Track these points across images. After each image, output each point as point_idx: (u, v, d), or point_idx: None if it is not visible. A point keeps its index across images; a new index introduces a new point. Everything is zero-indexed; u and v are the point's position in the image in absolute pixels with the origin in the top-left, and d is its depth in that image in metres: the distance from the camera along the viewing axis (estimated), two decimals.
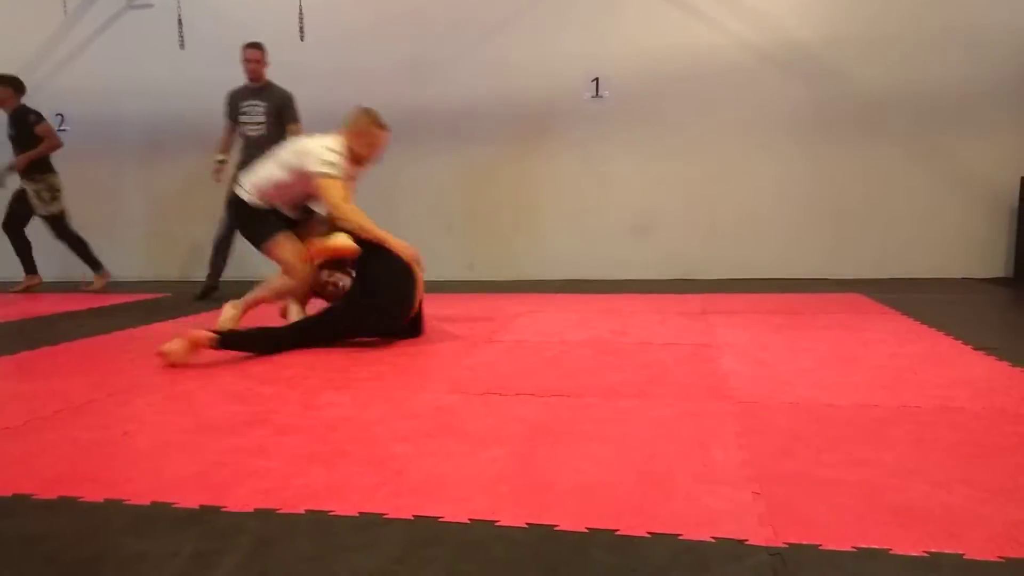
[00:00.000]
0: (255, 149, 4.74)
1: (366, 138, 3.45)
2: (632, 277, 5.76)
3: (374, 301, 3.21)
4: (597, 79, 5.76)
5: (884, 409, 2.11)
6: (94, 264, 5.87)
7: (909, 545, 1.29)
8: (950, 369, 2.58)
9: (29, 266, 5.92)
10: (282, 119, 5.00)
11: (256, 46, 5.01)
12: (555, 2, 5.82)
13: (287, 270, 3.50)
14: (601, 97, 5.74)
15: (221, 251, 5.26)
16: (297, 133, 4.87)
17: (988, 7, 5.22)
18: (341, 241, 3.29)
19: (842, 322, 3.58)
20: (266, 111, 4.99)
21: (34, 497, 1.60)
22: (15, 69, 6.78)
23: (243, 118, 5.02)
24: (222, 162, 5.17)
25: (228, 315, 3.55)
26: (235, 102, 5.09)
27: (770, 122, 5.62)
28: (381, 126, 3.49)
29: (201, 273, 6.63)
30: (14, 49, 6.71)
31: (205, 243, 6.64)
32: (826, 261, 5.59)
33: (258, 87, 5.04)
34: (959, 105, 5.32)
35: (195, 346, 2.92)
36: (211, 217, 6.73)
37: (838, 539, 1.32)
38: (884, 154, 5.48)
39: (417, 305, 3.35)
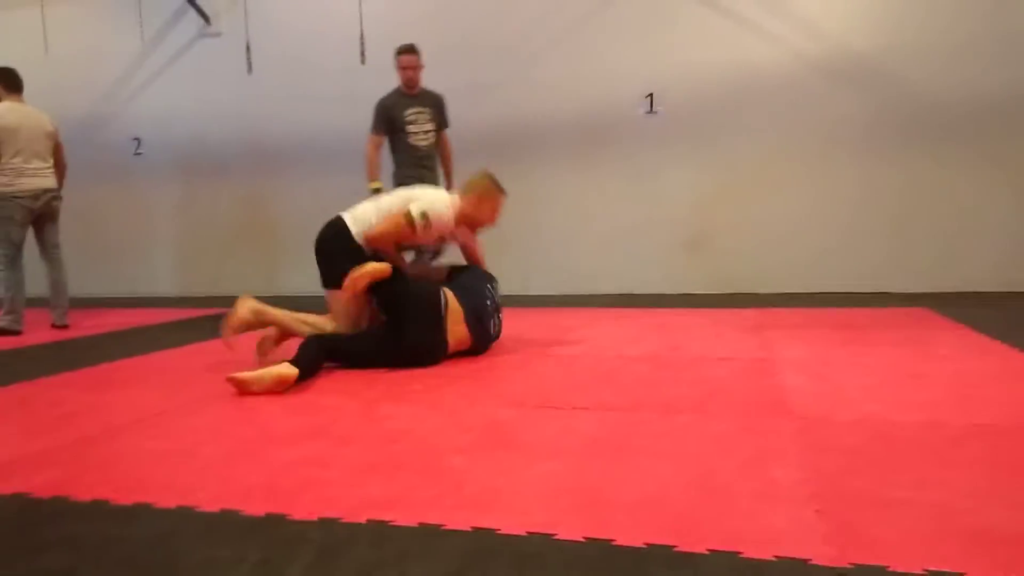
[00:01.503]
0: (426, 160, 4.53)
1: (490, 203, 3.35)
2: (685, 292, 5.70)
3: (401, 342, 3.10)
4: (651, 95, 5.74)
5: (953, 427, 2.04)
6: None
7: (986, 570, 1.24)
8: (1022, 386, 2.47)
9: None
10: (440, 125, 4.69)
11: (413, 49, 4.59)
12: (607, 19, 5.84)
13: (337, 319, 3.30)
14: (655, 113, 5.72)
15: None
16: (447, 140, 4.67)
17: None
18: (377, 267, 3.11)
19: (907, 337, 3.47)
20: (431, 117, 4.64)
21: (111, 503, 1.68)
22: (95, 96, 7.17)
23: (410, 128, 4.59)
24: (380, 190, 4.42)
25: (245, 308, 3.29)
26: (395, 112, 4.58)
27: (825, 134, 5.50)
28: (503, 190, 3.39)
29: (265, 288, 6.85)
30: (94, 77, 7.09)
31: (272, 259, 6.86)
32: (886, 274, 5.42)
33: (416, 94, 4.66)
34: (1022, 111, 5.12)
35: (282, 383, 2.74)
36: (280, 233, 6.93)
37: (907, 561, 1.28)
38: (945, 163, 5.31)
39: (446, 344, 3.18)
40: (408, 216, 3.17)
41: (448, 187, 4.67)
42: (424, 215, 3.15)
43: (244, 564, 1.36)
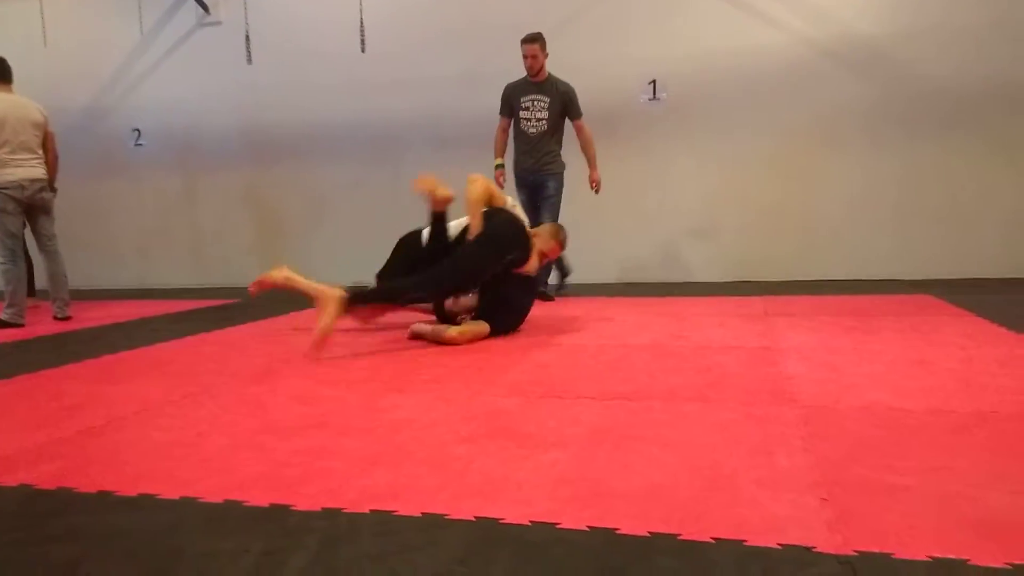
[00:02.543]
0: (534, 146, 4.70)
1: (553, 243, 3.84)
2: (692, 280, 5.69)
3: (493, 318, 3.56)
4: (654, 81, 5.71)
5: (959, 415, 2.03)
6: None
7: (989, 557, 1.24)
8: None
9: None
10: (564, 115, 4.79)
11: (533, 39, 4.68)
12: (611, 5, 5.80)
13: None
14: (659, 99, 5.69)
15: None
16: (581, 129, 4.78)
17: None
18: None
19: (913, 324, 3.45)
20: (548, 106, 4.76)
21: (115, 494, 1.68)
22: (95, 87, 7.15)
23: (523, 114, 4.77)
24: (501, 166, 4.91)
25: (280, 273, 3.62)
26: (514, 97, 4.82)
27: (831, 120, 5.48)
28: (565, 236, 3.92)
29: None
30: (94, 69, 7.07)
31: (275, 248, 6.85)
32: (895, 262, 5.41)
33: (539, 82, 4.77)
34: None
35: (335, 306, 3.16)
36: (281, 222, 6.93)
37: (912, 548, 1.27)
38: (954, 149, 5.28)
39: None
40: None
41: (591, 171, 4.84)
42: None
43: (248, 555, 1.36)
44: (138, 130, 7.04)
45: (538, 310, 4.27)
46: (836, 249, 5.52)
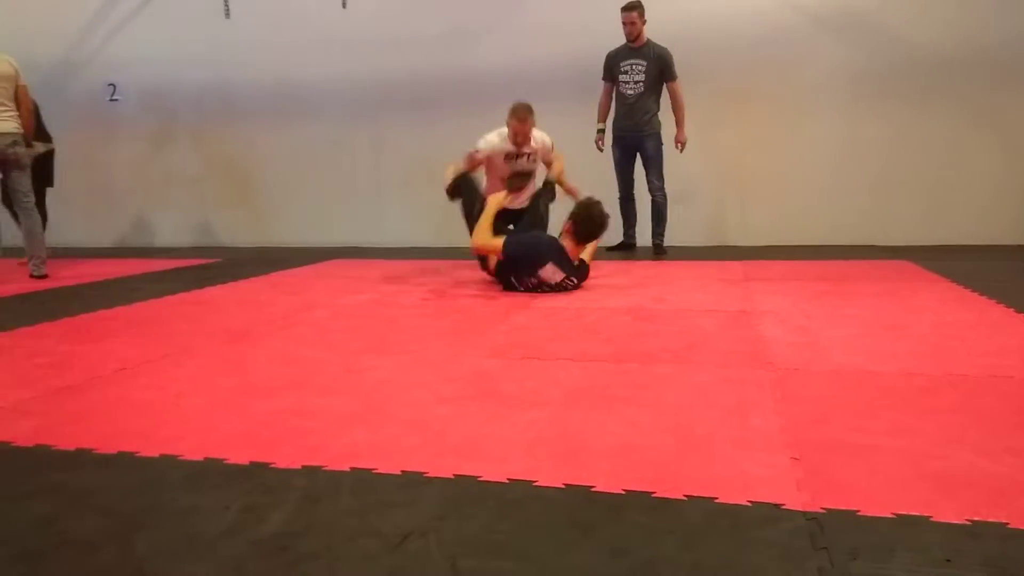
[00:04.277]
0: (634, 109, 4.95)
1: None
2: (672, 244, 5.71)
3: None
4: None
5: (929, 377, 2.08)
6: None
7: (951, 513, 1.28)
8: (1000, 337, 2.51)
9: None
10: (662, 77, 5.02)
11: (632, 7, 4.95)
12: None
13: None
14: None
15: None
16: (676, 91, 5.01)
17: None
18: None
19: (888, 289, 3.50)
20: (646, 69, 5.00)
21: (94, 452, 1.69)
22: (67, 41, 6.95)
23: (622, 77, 5.04)
24: (603, 131, 5.23)
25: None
26: (614, 63, 5.08)
27: (813, 83, 5.46)
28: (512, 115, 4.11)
29: (251, 239, 6.79)
30: (64, 21, 6.86)
31: (253, 207, 6.78)
32: (872, 227, 5.45)
33: (637, 47, 5.02)
34: (1012, 64, 5.10)
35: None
36: (256, 181, 6.84)
37: (877, 506, 1.31)
38: (933, 116, 5.29)
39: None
40: None
41: (678, 131, 5.09)
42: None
43: (228, 511, 1.37)
44: (113, 85, 6.87)
45: None
46: (816, 214, 5.55)
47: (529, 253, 3.68)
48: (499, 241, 3.70)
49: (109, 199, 7.04)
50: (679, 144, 5.12)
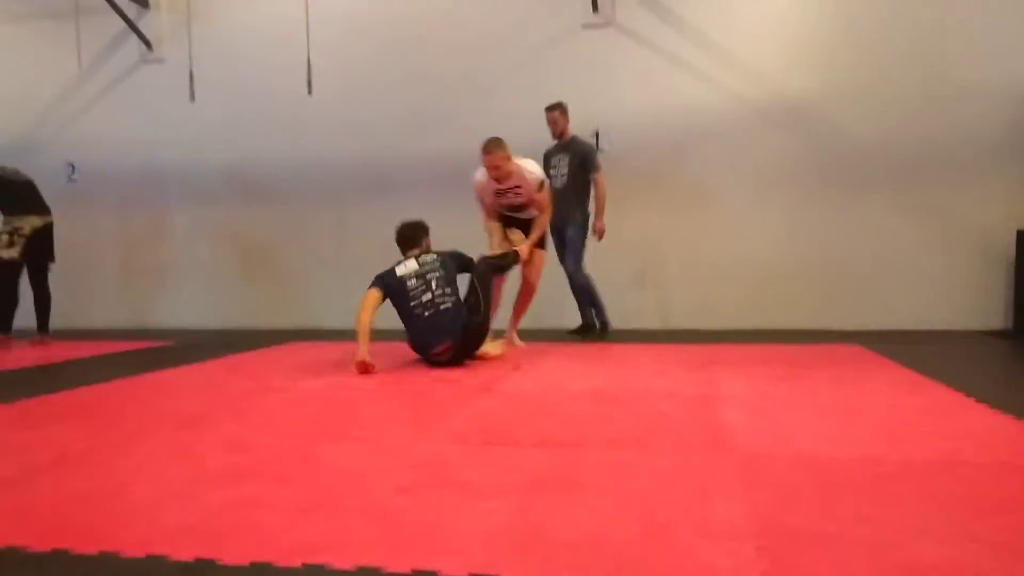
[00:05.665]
0: (559, 198, 5.08)
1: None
2: (631, 327, 5.77)
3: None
4: (597, 133, 5.86)
5: (888, 463, 2.09)
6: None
7: None
8: (952, 422, 2.56)
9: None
10: (584, 169, 5.25)
11: (552, 108, 5.24)
12: (556, 58, 5.97)
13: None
14: (602, 151, 5.83)
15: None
16: (598, 182, 5.25)
17: (975, 63, 5.36)
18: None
19: (842, 374, 3.57)
20: (569, 163, 5.26)
21: (26, 550, 1.58)
22: (29, 120, 6.95)
23: (551, 171, 5.27)
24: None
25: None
26: (547, 158, 5.39)
27: (766, 175, 5.71)
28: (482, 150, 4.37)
29: (204, 322, 6.66)
30: (28, 101, 6.88)
31: (213, 290, 6.68)
32: (824, 313, 5.61)
33: (563, 142, 5.31)
34: (952, 158, 5.42)
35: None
36: (215, 264, 6.77)
37: None
38: (880, 207, 5.55)
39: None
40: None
41: (597, 219, 5.29)
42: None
43: None
44: (72, 165, 6.84)
45: (479, 359, 4.25)
46: (770, 300, 5.69)
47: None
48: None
49: (62, 279, 6.87)
50: (596, 232, 5.29)
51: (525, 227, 4.63)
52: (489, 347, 4.26)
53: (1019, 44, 5.28)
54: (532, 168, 4.48)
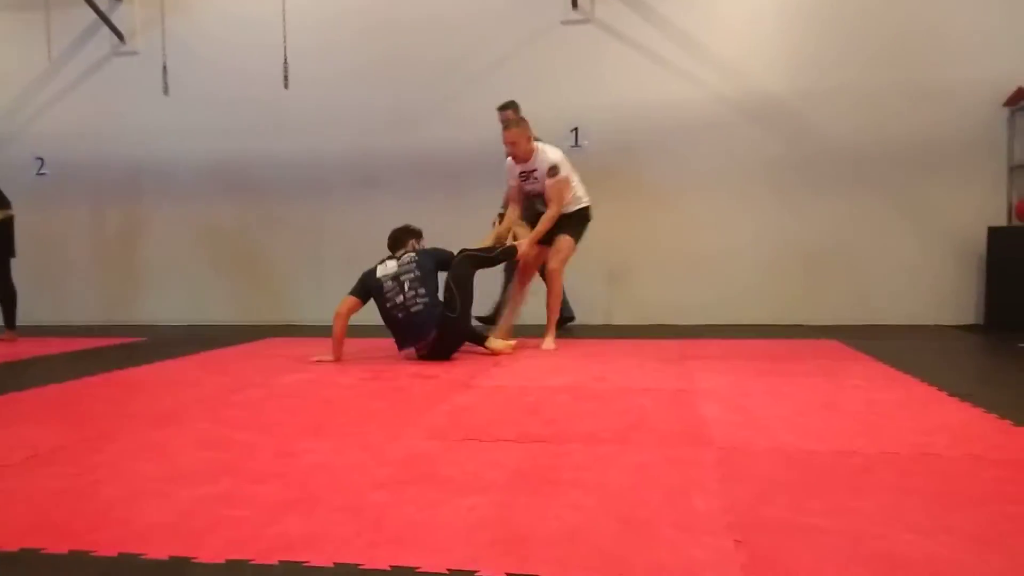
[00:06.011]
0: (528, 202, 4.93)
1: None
2: (609, 323, 5.78)
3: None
4: (576, 129, 5.86)
5: (864, 456, 2.11)
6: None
7: None
8: (926, 416, 2.60)
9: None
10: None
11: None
12: (536, 54, 5.96)
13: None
14: (580, 147, 5.83)
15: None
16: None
17: (951, 63, 5.43)
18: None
19: (819, 368, 3.60)
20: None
21: None
22: None
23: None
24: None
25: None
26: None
27: (744, 172, 5.74)
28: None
29: (179, 317, 6.57)
30: None
31: (188, 285, 6.59)
32: (801, 308, 5.66)
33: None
34: (927, 157, 5.49)
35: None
36: (191, 259, 6.67)
37: None
38: (856, 204, 5.62)
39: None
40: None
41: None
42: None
43: None
44: (41, 159, 6.70)
45: (463, 353, 4.24)
46: (748, 295, 5.73)
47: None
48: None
49: (29, 275, 6.74)
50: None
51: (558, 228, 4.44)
52: (496, 343, 4.24)
53: (994, 44, 5.36)
54: (550, 155, 4.28)
